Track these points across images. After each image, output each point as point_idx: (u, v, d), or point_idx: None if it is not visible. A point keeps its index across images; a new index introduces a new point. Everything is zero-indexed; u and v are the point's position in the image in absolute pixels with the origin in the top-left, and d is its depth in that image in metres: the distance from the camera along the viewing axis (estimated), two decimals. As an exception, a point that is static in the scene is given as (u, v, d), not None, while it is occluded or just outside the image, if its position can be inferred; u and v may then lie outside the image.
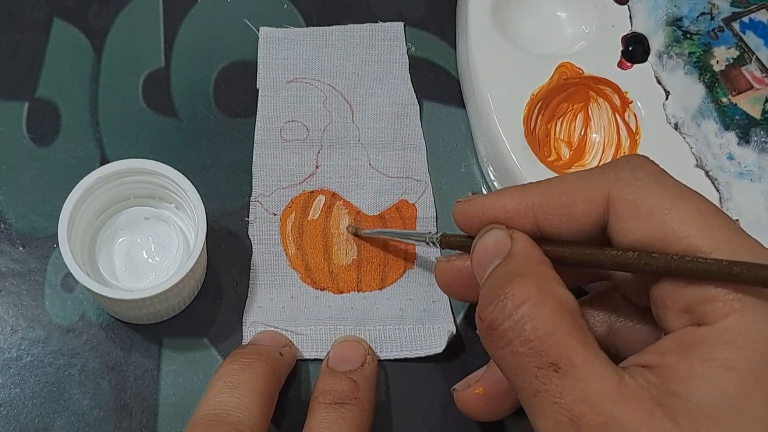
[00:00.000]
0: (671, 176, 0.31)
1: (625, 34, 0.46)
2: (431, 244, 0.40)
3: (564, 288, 0.30)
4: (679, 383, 0.27)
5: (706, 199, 0.30)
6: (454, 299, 0.43)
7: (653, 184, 0.30)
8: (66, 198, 0.39)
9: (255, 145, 0.46)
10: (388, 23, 0.50)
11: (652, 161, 0.32)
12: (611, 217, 0.31)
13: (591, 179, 0.32)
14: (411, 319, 0.43)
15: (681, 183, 0.30)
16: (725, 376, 0.26)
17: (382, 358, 0.42)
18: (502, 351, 0.30)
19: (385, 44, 0.50)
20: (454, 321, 0.43)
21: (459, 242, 0.37)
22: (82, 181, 0.39)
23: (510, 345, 0.29)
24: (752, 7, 0.47)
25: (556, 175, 0.42)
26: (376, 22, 0.50)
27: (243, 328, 0.42)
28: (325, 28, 0.50)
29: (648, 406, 0.27)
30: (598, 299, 0.36)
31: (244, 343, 0.41)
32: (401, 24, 0.50)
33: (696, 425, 0.26)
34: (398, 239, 0.43)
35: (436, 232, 0.39)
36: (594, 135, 0.45)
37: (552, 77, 0.45)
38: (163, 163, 0.40)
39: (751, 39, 0.46)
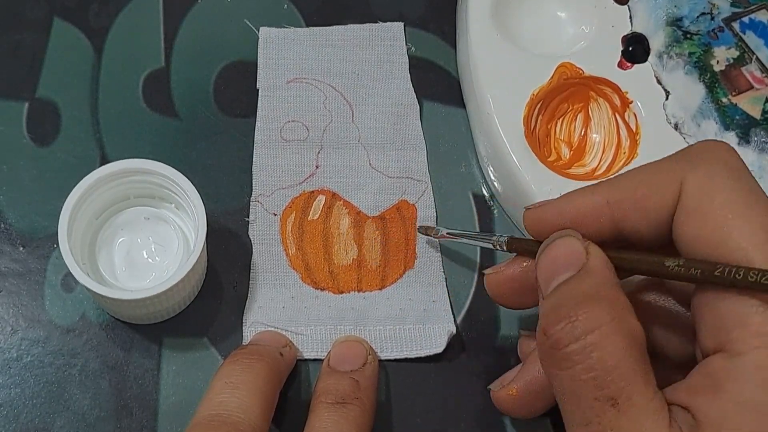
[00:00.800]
0: (749, 175, 0.29)
1: (625, 34, 0.46)
2: (498, 248, 0.38)
3: (635, 319, 0.29)
4: (711, 427, 0.26)
5: None
6: (504, 308, 0.42)
7: (726, 182, 0.28)
8: (66, 198, 0.39)
9: (255, 145, 0.46)
10: (388, 23, 0.50)
11: (733, 151, 0.30)
12: (678, 209, 0.29)
13: (665, 167, 0.30)
14: (411, 320, 0.43)
15: (756, 186, 0.29)
16: (753, 419, 0.25)
17: (382, 358, 0.42)
18: (561, 373, 0.29)
19: (385, 44, 0.50)
20: (455, 321, 0.43)
21: (528, 247, 0.36)
22: (82, 181, 0.39)
23: (572, 369, 0.28)
24: (752, 7, 0.47)
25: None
26: (376, 22, 0.50)
27: (243, 328, 0.42)
28: (325, 28, 0.50)
29: None
30: (638, 297, 0.35)
31: (244, 343, 0.41)
32: (401, 24, 0.50)
33: None
34: (468, 242, 0.42)
35: (503, 236, 0.38)
36: (594, 135, 0.45)
37: (552, 77, 0.45)
38: (163, 163, 0.40)
39: (751, 39, 0.46)
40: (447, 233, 0.43)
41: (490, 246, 0.39)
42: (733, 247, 0.27)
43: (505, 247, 0.38)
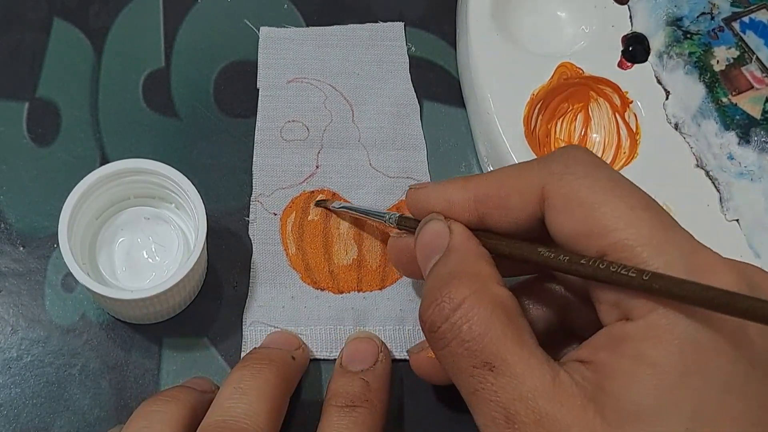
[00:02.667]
0: (607, 167, 0.31)
1: (626, 34, 0.46)
2: (390, 224, 0.39)
3: (500, 286, 0.31)
4: (608, 380, 0.27)
5: (640, 191, 0.30)
6: (405, 276, 0.43)
7: (585, 177, 0.30)
8: (66, 198, 0.39)
9: (255, 145, 0.46)
10: (389, 23, 0.50)
11: (587, 152, 0.32)
12: (546, 210, 0.31)
13: (525, 173, 0.32)
14: (411, 320, 0.43)
15: (616, 174, 0.31)
16: (649, 373, 0.27)
17: (382, 358, 0.42)
18: (442, 352, 0.30)
19: (385, 44, 0.49)
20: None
21: (413, 226, 0.37)
22: (82, 181, 0.39)
23: (448, 346, 0.30)
24: (752, 7, 0.47)
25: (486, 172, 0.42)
26: (377, 22, 0.50)
27: (243, 327, 0.42)
28: (325, 28, 0.50)
29: (581, 402, 0.27)
30: (541, 286, 0.36)
31: (244, 343, 0.41)
32: (401, 24, 0.50)
33: (623, 422, 0.26)
34: (363, 216, 0.43)
35: (395, 214, 0.39)
36: (594, 135, 0.45)
37: (552, 77, 0.45)
38: (164, 162, 0.40)
39: (752, 39, 0.46)
40: (342, 207, 0.43)
41: (383, 222, 0.40)
42: (605, 232, 0.29)
43: (395, 225, 0.39)
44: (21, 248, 0.43)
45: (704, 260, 0.28)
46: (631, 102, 0.45)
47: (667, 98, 0.45)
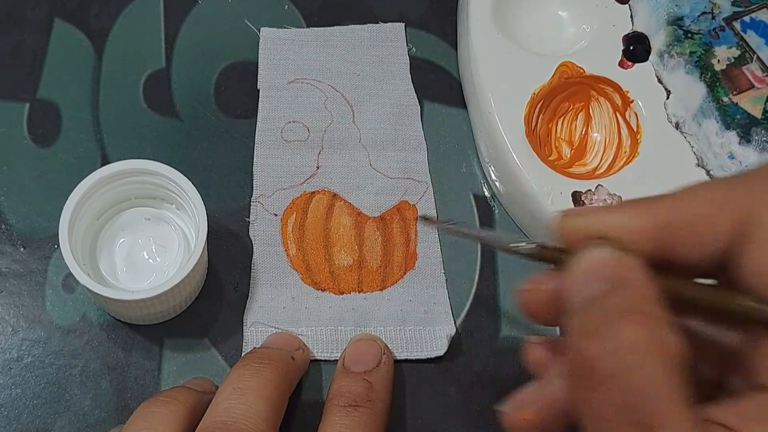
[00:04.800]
0: None
1: (626, 33, 0.46)
2: (516, 254, 0.32)
3: (677, 335, 0.26)
4: None
5: None
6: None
7: None
8: (67, 198, 0.39)
9: (256, 145, 0.46)
10: (389, 24, 0.50)
11: None
12: (743, 238, 0.27)
13: (728, 190, 0.27)
14: (412, 321, 0.42)
15: None
16: None
17: (383, 358, 0.42)
18: (592, 395, 0.26)
19: (385, 45, 0.49)
20: (455, 323, 0.43)
21: (556, 258, 0.31)
22: (83, 182, 0.39)
23: (601, 388, 0.25)
24: (753, 7, 0.47)
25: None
26: (377, 22, 0.50)
27: (244, 328, 0.42)
28: (325, 28, 0.50)
29: None
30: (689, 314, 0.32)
31: (244, 344, 0.41)
32: (402, 25, 0.50)
33: None
34: (477, 241, 0.40)
35: (530, 242, 0.32)
36: (595, 134, 0.45)
37: (553, 76, 0.45)
38: (164, 163, 0.40)
39: (752, 38, 0.46)
40: (452, 227, 0.39)
41: (507, 250, 0.33)
42: None
43: (535, 257, 0.32)
44: (22, 249, 0.43)
45: None
46: (632, 101, 0.45)
47: (667, 97, 0.45)
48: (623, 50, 0.46)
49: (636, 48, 0.46)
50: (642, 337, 0.25)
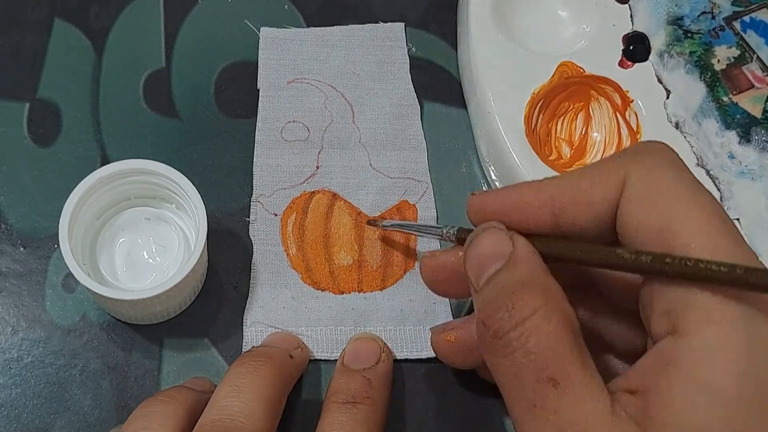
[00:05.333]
0: (689, 170, 0.30)
1: (626, 33, 0.46)
2: (447, 240, 0.38)
3: (568, 303, 0.30)
4: (659, 409, 0.26)
5: (716, 200, 0.29)
6: (437, 295, 0.42)
7: (669, 171, 0.29)
8: (67, 198, 0.39)
9: (255, 145, 0.46)
10: (389, 24, 0.50)
11: (671, 148, 0.31)
12: (623, 200, 0.30)
13: (609, 162, 0.31)
14: (412, 321, 0.42)
15: (695, 178, 0.30)
16: (707, 400, 0.26)
17: (382, 358, 0.42)
18: (503, 360, 0.29)
19: (385, 45, 0.49)
20: (455, 321, 0.43)
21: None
22: (82, 182, 0.39)
23: (512, 355, 0.29)
24: (753, 7, 0.47)
25: (558, 174, 0.41)
26: (377, 22, 0.50)
27: (244, 328, 0.42)
28: (325, 28, 0.50)
29: None
30: (582, 288, 0.35)
31: (244, 344, 0.41)
32: (402, 24, 0.50)
33: None
34: (416, 233, 0.43)
35: (453, 227, 0.37)
36: (595, 134, 0.45)
37: (553, 76, 0.45)
38: (164, 163, 0.40)
39: (752, 38, 0.46)
40: (393, 225, 0.43)
41: (440, 237, 0.38)
42: (677, 231, 0.28)
43: (455, 239, 0.37)
44: (22, 249, 0.43)
45: None
46: (632, 101, 0.45)
47: (667, 97, 0.45)
48: (623, 50, 0.46)
49: (636, 48, 0.46)
50: (538, 304, 0.29)
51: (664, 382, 0.27)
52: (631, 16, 0.47)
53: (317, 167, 0.46)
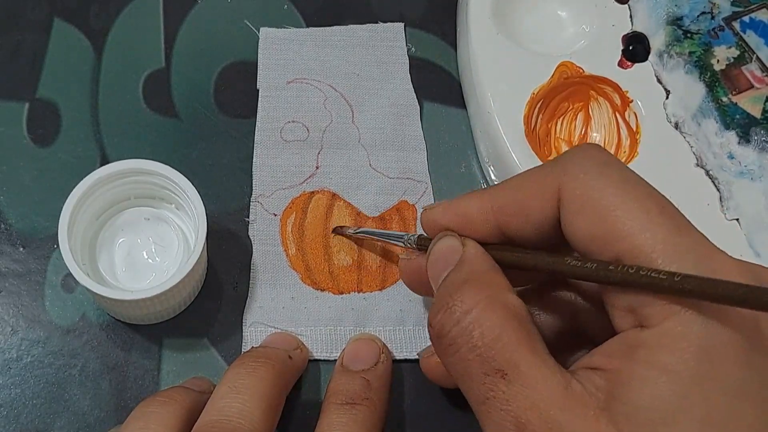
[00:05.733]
0: (621, 166, 0.30)
1: (626, 33, 0.46)
2: (409, 246, 0.39)
3: (513, 295, 0.30)
4: (622, 387, 0.27)
5: (654, 191, 0.29)
6: (420, 295, 0.42)
7: (599, 177, 0.30)
8: (66, 198, 0.39)
9: (255, 145, 0.46)
10: (389, 24, 0.50)
11: (601, 150, 0.31)
12: (562, 212, 0.30)
13: (541, 175, 0.31)
14: (411, 321, 0.42)
15: (630, 174, 0.30)
16: (664, 380, 0.26)
17: (382, 358, 0.42)
18: (451, 358, 0.30)
19: (385, 45, 0.49)
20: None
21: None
22: (82, 182, 0.39)
23: (458, 352, 0.29)
24: (753, 7, 0.47)
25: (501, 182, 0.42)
26: (377, 22, 0.50)
27: (243, 328, 0.42)
28: (325, 28, 0.50)
29: (593, 411, 0.27)
30: (551, 296, 0.36)
31: (244, 344, 0.41)
32: (401, 25, 0.50)
33: (636, 429, 0.26)
34: (381, 240, 0.43)
35: (413, 234, 0.39)
36: (594, 134, 0.45)
37: (553, 76, 0.45)
38: (164, 163, 0.40)
39: (752, 38, 0.46)
40: (359, 232, 0.43)
41: (402, 244, 0.39)
42: (620, 236, 0.28)
43: (415, 246, 0.38)
44: (21, 249, 0.43)
45: (718, 264, 0.28)
46: (632, 101, 0.45)
47: (667, 97, 0.45)
48: (623, 50, 0.46)
49: (635, 48, 0.46)
50: (479, 299, 0.29)
51: (627, 363, 0.27)
52: (631, 16, 0.47)
53: (317, 167, 0.46)
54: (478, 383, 0.29)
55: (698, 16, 0.47)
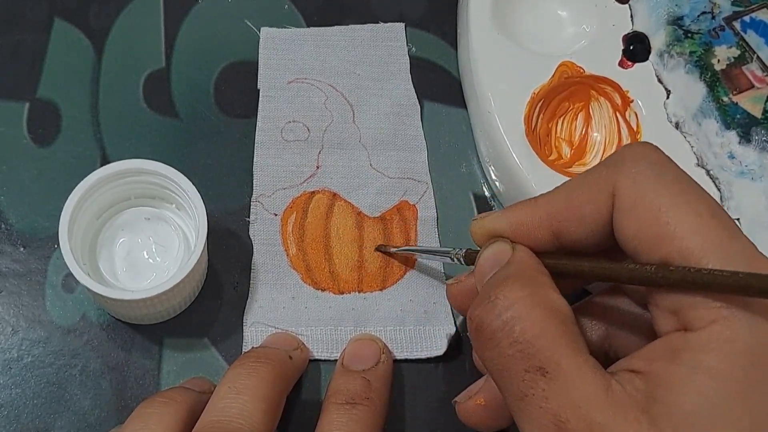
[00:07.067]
0: (675, 167, 0.30)
1: (626, 33, 0.46)
2: (456, 261, 0.38)
3: (557, 294, 0.30)
4: (664, 390, 0.27)
5: (706, 194, 0.29)
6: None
7: (654, 178, 0.29)
8: (67, 198, 0.39)
9: (256, 145, 0.46)
10: (390, 24, 0.50)
11: (656, 149, 0.31)
12: (615, 213, 0.30)
13: (596, 176, 0.31)
14: (412, 321, 0.42)
15: (683, 175, 0.30)
16: (709, 384, 0.26)
17: (382, 358, 0.42)
18: (490, 353, 0.29)
19: (386, 45, 0.49)
20: (455, 323, 0.43)
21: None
22: (82, 182, 0.39)
23: (498, 347, 0.29)
24: (753, 6, 0.47)
25: (564, 177, 0.41)
26: (377, 22, 0.50)
27: (244, 328, 0.42)
28: (326, 28, 0.50)
29: (634, 413, 0.27)
30: (597, 302, 0.35)
31: (244, 344, 0.41)
32: (402, 25, 0.50)
33: (678, 431, 0.26)
34: (426, 257, 0.43)
35: (461, 249, 0.38)
36: (595, 134, 0.45)
37: (553, 76, 0.45)
38: (164, 163, 0.40)
39: (752, 38, 0.46)
40: (404, 250, 0.43)
41: (449, 260, 0.39)
42: (672, 237, 0.28)
43: (463, 261, 0.38)
44: (21, 249, 0.43)
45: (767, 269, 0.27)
46: (632, 101, 0.45)
47: (667, 97, 0.45)
48: (623, 50, 0.46)
49: (636, 48, 0.46)
50: (523, 294, 0.29)
51: (670, 366, 0.27)
52: (631, 16, 0.47)
53: (317, 167, 0.46)
54: (518, 379, 0.28)
55: (699, 16, 0.47)
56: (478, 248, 0.35)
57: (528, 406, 0.28)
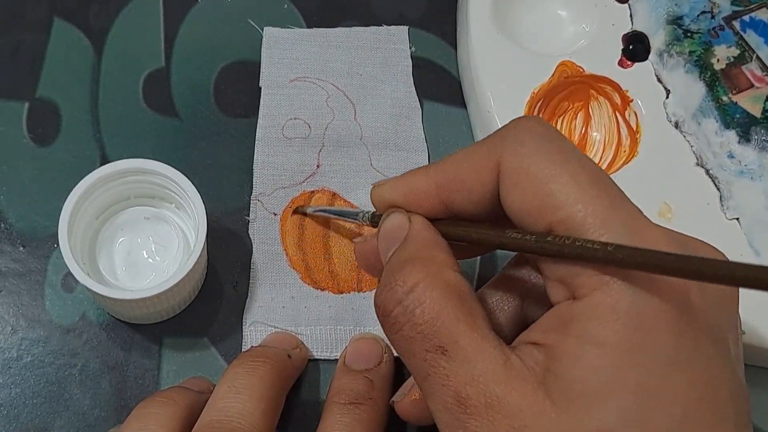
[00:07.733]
0: (559, 139, 0.30)
1: (626, 32, 0.46)
2: (364, 222, 0.39)
3: (454, 272, 0.31)
4: (556, 362, 0.27)
5: (591, 163, 0.29)
6: (375, 277, 0.42)
7: (536, 150, 0.30)
8: (66, 198, 0.39)
9: (256, 142, 0.46)
10: (393, 27, 0.50)
11: (540, 122, 0.31)
12: (500, 185, 0.31)
13: (482, 149, 0.32)
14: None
15: (568, 146, 0.30)
16: (595, 352, 0.27)
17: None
18: (395, 336, 0.30)
19: (389, 47, 0.49)
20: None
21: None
22: (82, 181, 0.39)
23: (401, 330, 0.30)
24: (753, 6, 0.47)
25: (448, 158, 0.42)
26: (377, 22, 0.50)
27: (243, 327, 0.42)
28: (330, 30, 0.50)
29: (531, 386, 0.27)
30: (508, 274, 0.36)
31: (244, 343, 0.41)
32: (405, 28, 0.50)
33: (570, 403, 0.26)
34: (338, 218, 0.43)
35: (368, 211, 0.38)
36: (594, 133, 0.45)
37: (553, 76, 0.45)
38: (164, 162, 0.40)
39: (752, 38, 0.46)
40: (317, 211, 0.43)
41: (357, 221, 0.39)
42: (554, 207, 0.28)
43: (369, 222, 0.38)
44: (21, 248, 0.43)
45: (649, 236, 0.28)
46: (632, 100, 0.45)
47: (667, 97, 0.45)
48: (623, 49, 0.46)
49: (635, 47, 0.46)
50: (420, 277, 0.30)
51: (561, 338, 0.28)
52: (631, 15, 0.47)
53: (318, 166, 0.46)
54: (420, 360, 0.29)
55: (698, 16, 0.47)
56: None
57: (432, 385, 0.29)
